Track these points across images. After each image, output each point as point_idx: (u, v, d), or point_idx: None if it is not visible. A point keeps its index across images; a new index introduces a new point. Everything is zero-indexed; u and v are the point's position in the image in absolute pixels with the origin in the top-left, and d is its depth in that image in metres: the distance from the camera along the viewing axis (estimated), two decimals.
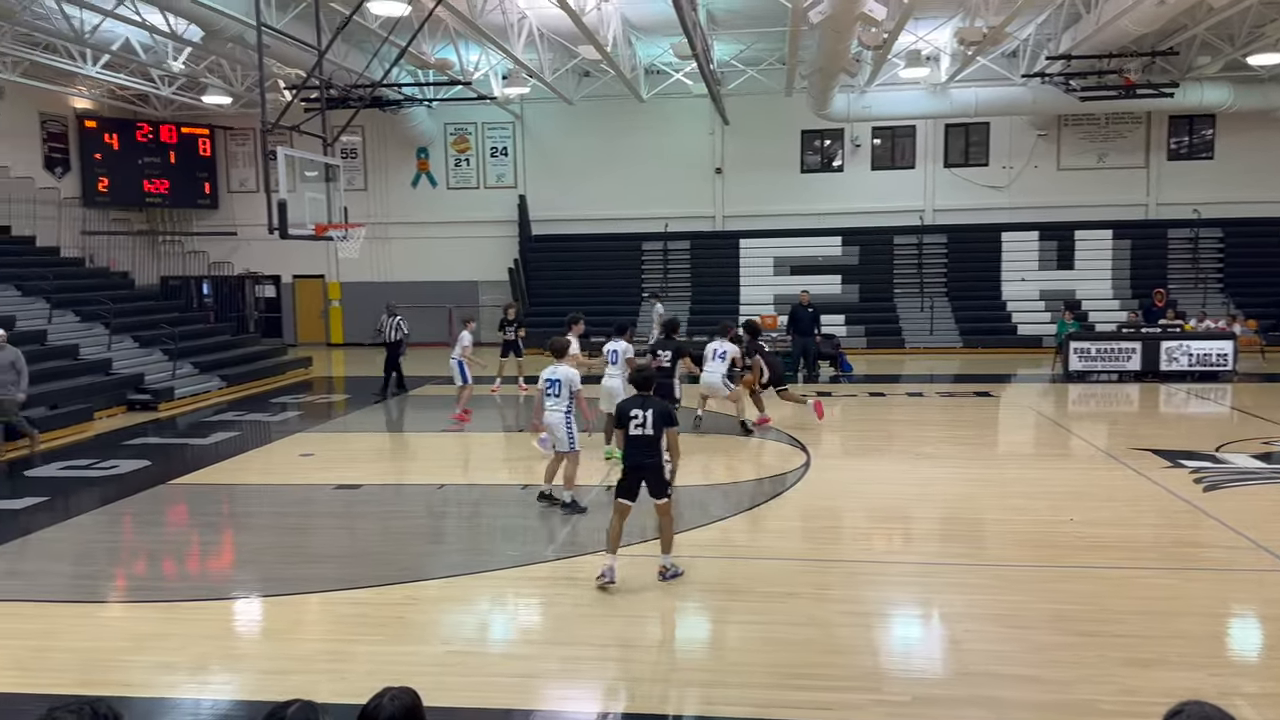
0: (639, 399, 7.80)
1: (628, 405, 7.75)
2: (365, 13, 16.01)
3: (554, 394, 9.88)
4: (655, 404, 7.73)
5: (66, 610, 7.55)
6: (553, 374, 9.89)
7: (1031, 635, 6.65)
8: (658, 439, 7.66)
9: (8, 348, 13.24)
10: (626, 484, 7.75)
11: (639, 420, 7.63)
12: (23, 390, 13.37)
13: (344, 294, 29.25)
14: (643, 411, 7.64)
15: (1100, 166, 26.49)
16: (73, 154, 26.12)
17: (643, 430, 7.61)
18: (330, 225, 14.18)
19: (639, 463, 7.68)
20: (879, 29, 17.10)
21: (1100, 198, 26.31)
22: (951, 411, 16.47)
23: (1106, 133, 26.38)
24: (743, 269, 27.17)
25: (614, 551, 7.69)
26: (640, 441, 7.64)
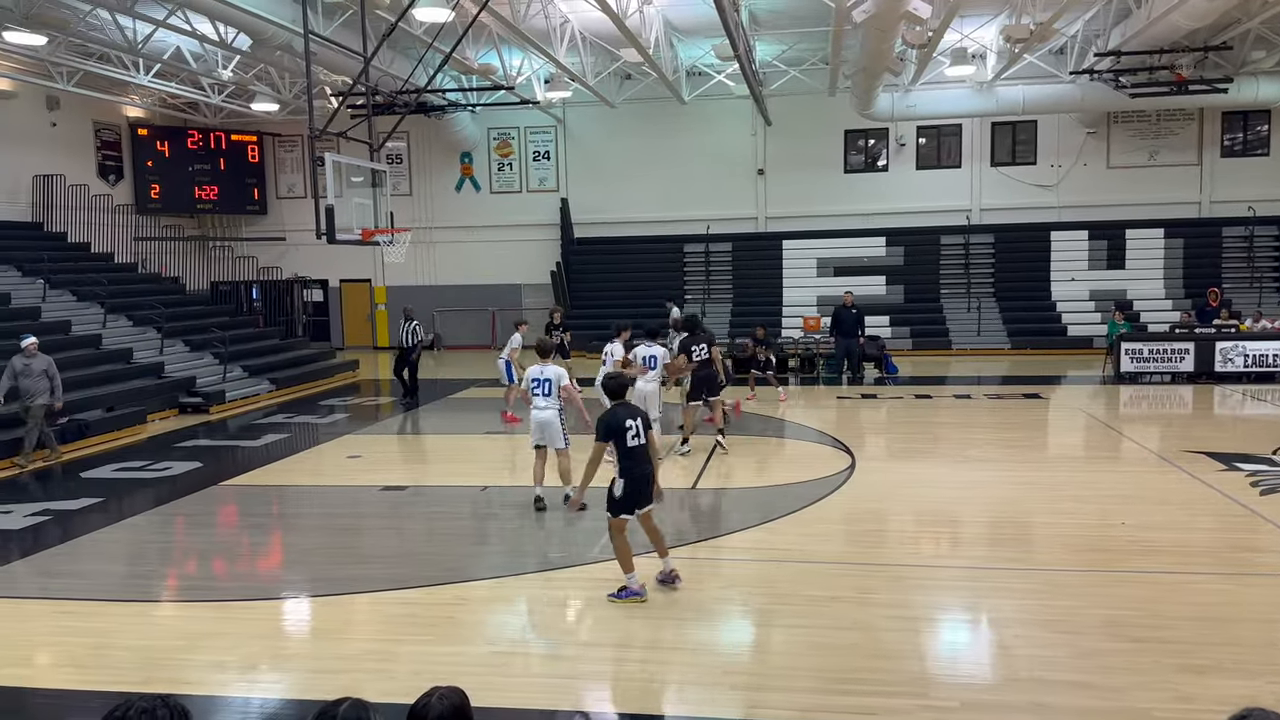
0: (626, 408, 7.52)
1: (620, 417, 7.38)
2: (410, 19, 16.17)
3: (544, 393, 10.16)
4: (639, 410, 7.59)
5: (122, 609, 7.71)
6: (540, 373, 10.18)
7: (1082, 641, 6.55)
8: (646, 446, 7.49)
9: (40, 355, 13.28)
10: (634, 499, 7.42)
11: (634, 430, 7.37)
12: (57, 398, 13.40)
13: (389, 298, 29.57)
14: (635, 422, 7.39)
15: (1151, 164, 26.00)
16: (125, 162, 26.69)
17: (639, 441, 7.39)
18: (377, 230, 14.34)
19: (644, 473, 7.43)
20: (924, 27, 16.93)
21: (1152, 196, 25.82)
22: (999, 413, 16.25)
23: (1158, 130, 25.89)
24: (786, 270, 27.03)
25: (633, 567, 7.44)
26: (638, 452, 7.40)
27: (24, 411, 13.17)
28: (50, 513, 10.71)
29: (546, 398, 10.14)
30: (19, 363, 13.13)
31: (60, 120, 24.19)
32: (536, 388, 10.19)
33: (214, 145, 28.05)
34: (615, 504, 7.43)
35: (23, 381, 13.08)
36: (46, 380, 13.26)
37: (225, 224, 29.78)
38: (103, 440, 14.77)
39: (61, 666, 6.68)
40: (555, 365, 10.35)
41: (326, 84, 22.92)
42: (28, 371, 13.10)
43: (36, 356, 13.22)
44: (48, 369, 13.29)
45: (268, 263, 29.37)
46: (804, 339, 22.45)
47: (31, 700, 6.24)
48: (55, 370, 13.43)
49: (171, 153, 27.33)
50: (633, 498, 7.43)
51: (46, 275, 19.56)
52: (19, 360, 13.14)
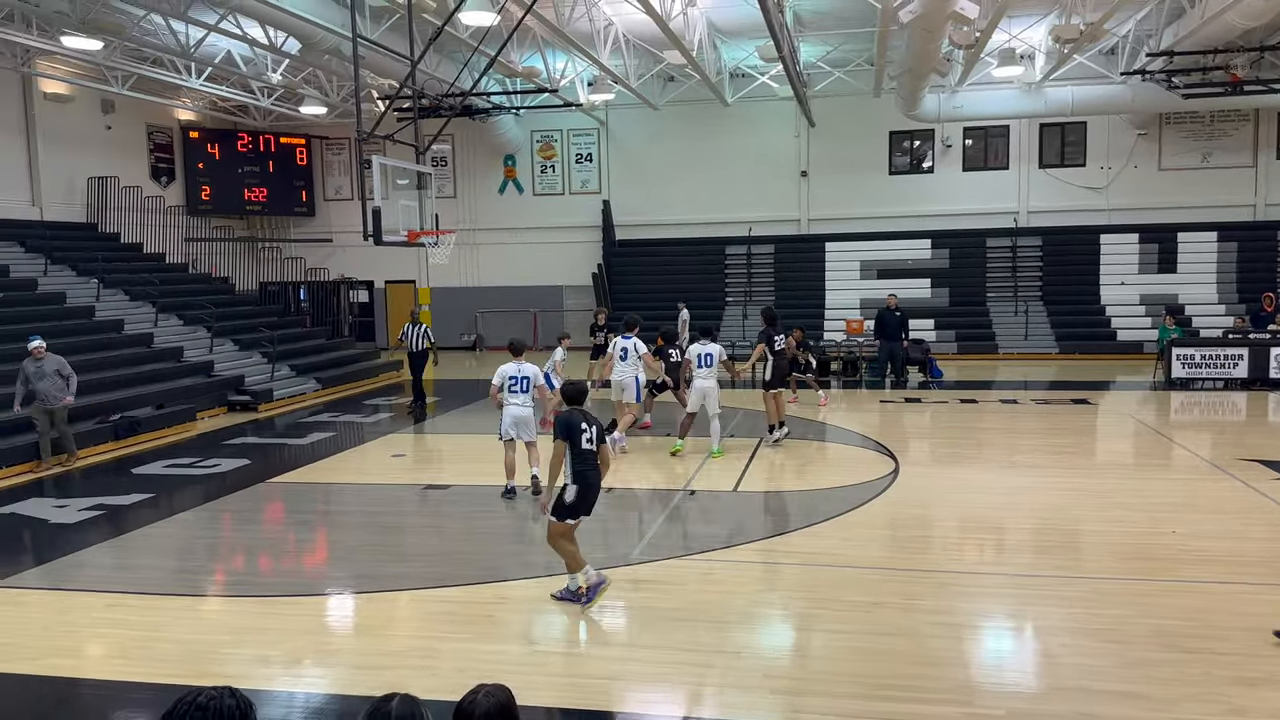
0: (582, 413, 7.43)
1: (576, 419, 7.35)
2: (456, 23, 16.31)
3: (520, 390, 10.78)
4: (596, 419, 7.51)
5: (170, 603, 7.85)
6: (517, 371, 10.76)
7: (1131, 651, 6.43)
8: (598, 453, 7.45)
9: (50, 356, 12.96)
10: (584, 504, 7.38)
11: (589, 435, 7.33)
12: (71, 393, 13.09)
13: (433, 299, 29.84)
14: (590, 427, 7.36)
15: (1204, 166, 25.48)
16: (177, 164, 27.20)
17: (593, 446, 7.36)
18: (422, 232, 14.47)
19: (594, 480, 7.39)
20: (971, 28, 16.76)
21: (1204, 198, 25.30)
22: (1047, 419, 16.01)
23: (1211, 131, 25.36)
24: (828, 273, 26.86)
25: (583, 564, 7.42)
26: (590, 457, 7.35)
27: (46, 415, 12.88)
28: (103, 507, 10.93)
29: (523, 394, 10.81)
30: (30, 366, 12.84)
31: (115, 123, 24.71)
32: (514, 384, 10.80)
33: (263, 148, 28.49)
34: (564, 509, 7.34)
35: (38, 384, 12.80)
36: (61, 380, 12.99)
37: (274, 225, 30.24)
38: (153, 437, 15.06)
39: (111, 658, 6.81)
40: (530, 364, 10.91)
41: (374, 87, 23.19)
42: (40, 374, 12.82)
43: (46, 358, 12.92)
44: (60, 368, 13.02)
45: (315, 264, 29.77)
46: (846, 342, 22.29)
47: (81, 691, 6.37)
48: (69, 368, 13.16)
49: (222, 155, 27.81)
50: (584, 503, 7.38)
51: (100, 275, 19.99)
52: (29, 364, 12.85)
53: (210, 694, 2.45)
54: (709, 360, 12.72)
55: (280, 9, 15.66)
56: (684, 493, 11.08)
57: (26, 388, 12.82)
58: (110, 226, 23.69)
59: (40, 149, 22.31)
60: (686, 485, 11.37)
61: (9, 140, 21.73)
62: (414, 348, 18.07)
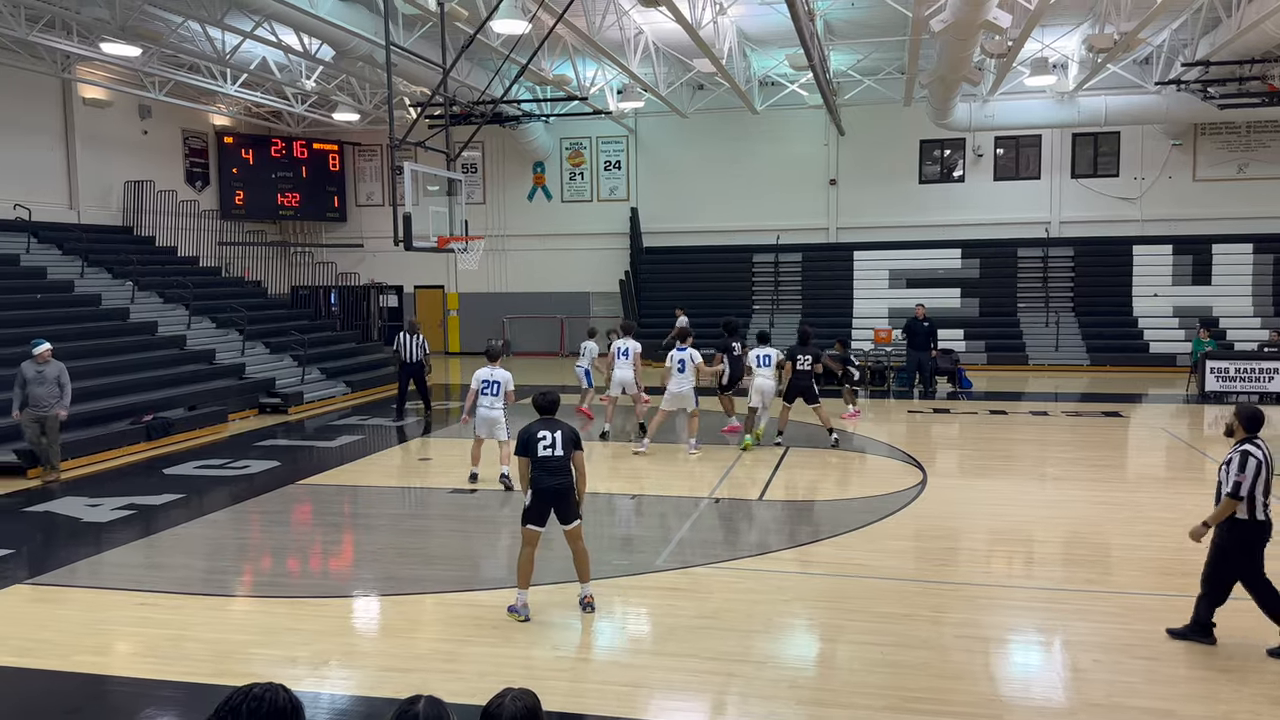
0: (544, 422, 7.46)
1: (534, 428, 7.40)
2: (488, 31, 16.42)
3: (492, 393, 11.52)
4: (564, 426, 7.48)
5: (199, 602, 7.93)
6: (490, 375, 11.53)
7: (1163, 668, 6.34)
8: (567, 461, 7.41)
9: (53, 362, 12.38)
10: (537, 510, 7.37)
11: (548, 442, 7.34)
12: (63, 405, 12.39)
13: (461, 304, 30.01)
14: (551, 434, 7.38)
15: (1240, 177, 25.14)
16: (212, 169, 27.54)
17: (551, 452, 7.33)
18: (452, 237, 14.56)
19: (548, 486, 7.33)
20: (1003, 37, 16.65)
21: (1240, 210, 24.96)
22: (1078, 431, 15.84)
23: (1247, 142, 25.03)
24: (856, 282, 26.74)
25: (527, 586, 7.39)
26: (549, 464, 7.34)
27: (37, 424, 12.28)
28: (135, 507, 11.07)
29: (494, 398, 11.58)
30: (30, 370, 12.25)
31: (151, 128, 25.07)
32: (486, 389, 11.55)
33: (296, 154, 28.79)
34: (523, 514, 7.42)
35: (35, 389, 12.20)
36: (58, 388, 12.36)
37: (306, 230, 30.54)
38: (185, 438, 15.23)
39: (140, 656, 6.89)
40: (503, 370, 11.66)
41: (406, 94, 23.38)
42: (40, 379, 12.21)
43: (50, 363, 12.34)
44: (60, 375, 12.40)
45: (346, 268, 30.02)
46: (874, 351, 22.17)
47: (110, 688, 6.44)
48: (67, 378, 12.54)
49: (256, 160, 28.12)
50: (537, 509, 7.35)
51: (135, 277, 20.26)
52: (30, 367, 12.26)
53: (265, 688, 2.58)
54: (767, 361, 14.03)
55: (315, 16, 15.83)
56: (709, 500, 11.06)
57: (24, 392, 12.25)
58: (145, 230, 24.02)
59: (79, 153, 22.68)
60: (711, 493, 11.35)
61: (49, 144, 22.10)
62: (410, 359, 17.38)
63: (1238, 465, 6.47)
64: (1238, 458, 6.51)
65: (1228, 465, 6.54)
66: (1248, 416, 6.67)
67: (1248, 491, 6.43)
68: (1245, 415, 6.68)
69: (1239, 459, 6.50)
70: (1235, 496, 6.43)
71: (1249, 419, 6.66)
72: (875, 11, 18.94)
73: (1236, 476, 6.44)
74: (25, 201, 20.54)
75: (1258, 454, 6.50)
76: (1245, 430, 6.66)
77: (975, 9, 13.77)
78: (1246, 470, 6.43)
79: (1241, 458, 6.50)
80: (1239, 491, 6.42)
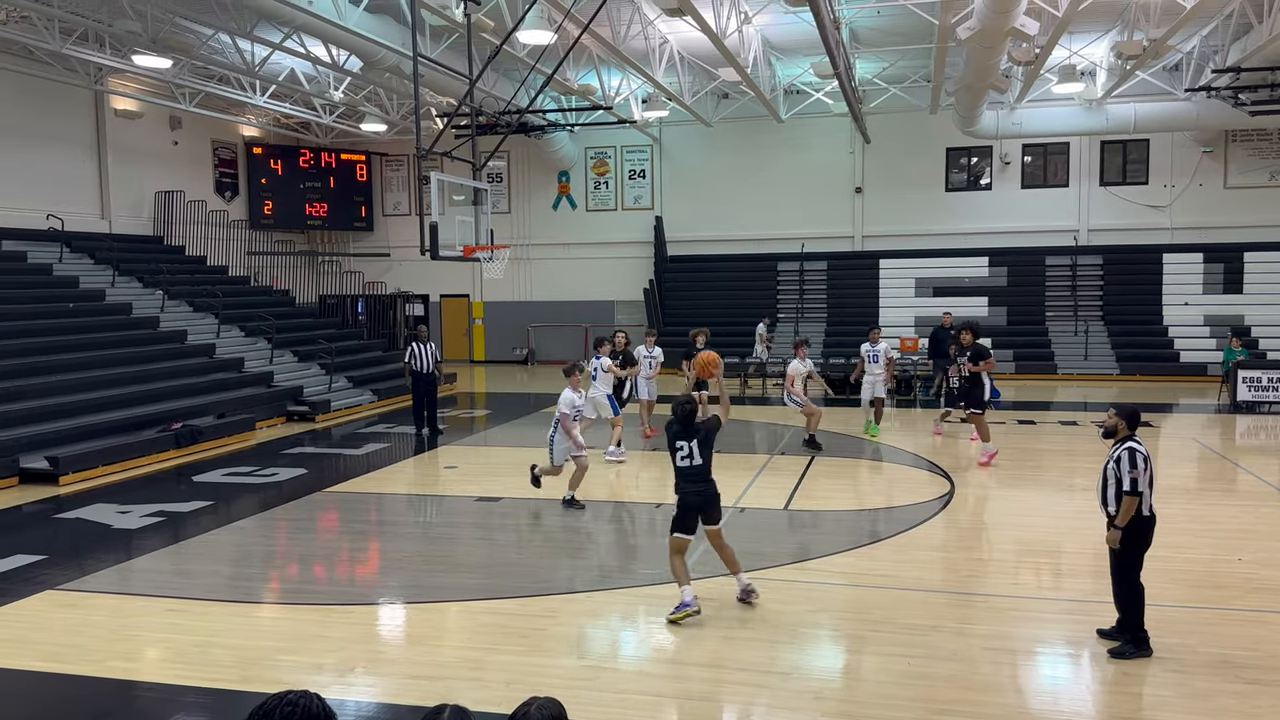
0: (683, 430, 7.57)
1: (672, 437, 7.61)
2: (514, 42, 16.51)
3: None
4: (699, 432, 7.59)
5: (226, 609, 7.99)
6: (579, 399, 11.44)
7: (1194, 681, 6.25)
8: (706, 468, 7.59)
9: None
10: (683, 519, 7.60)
11: (685, 452, 7.55)
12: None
13: (486, 313, 30.14)
14: (688, 443, 7.53)
15: (1272, 184, 24.82)
16: (241, 179, 27.85)
17: (690, 462, 7.55)
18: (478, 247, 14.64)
19: (690, 494, 7.57)
20: (1030, 44, 16.56)
21: (1272, 217, 24.63)
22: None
23: (1279, 149, 24.76)
24: (882, 290, 26.62)
25: (688, 581, 7.57)
26: (689, 473, 7.57)
27: None
28: (164, 514, 11.17)
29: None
30: None
31: (181, 139, 25.39)
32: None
33: (324, 164, 29.07)
34: (672, 521, 7.70)
35: None
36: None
37: (334, 240, 30.80)
38: (214, 445, 15.37)
39: (168, 662, 6.94)
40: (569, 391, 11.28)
41: (432, 105, 23.55)
42: None
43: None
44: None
45: (373, 278, 30.26)
46: (900, 360, 22.03)
47: (139, 693, 6.50)
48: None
49: (284, 171, 28.42)
50: (683, 519, 7.60)
51: (165, 286, 20.51)
52: None
53: (300, 695, 2.66)
54: (875, 357, 15.65)
55: (343, 28, 15.98)
56: (733, 510, 11.03)
57: None
58: (176, 240, 24.31)
59: (110, 164, 23.00)
60: (736, 503, 11.32)
61: (82, 156, 22.43)
62: (423, 369, 16.49)
63: (1129, 462, 6.62)
64: (1126, 455, 6.66)
65: (1117, 464, 6.69)
66: (1129, 414, 6.87)
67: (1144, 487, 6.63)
68: (1128, 413, 6.87)
69: (1128, 456, 6.65)
70: (1134, 493, 6.59)
71: (1131, 417, 6.87)
72: (901, 19, 18.88)
73: (1131, 473, 6.60)
74: (58, 212, 20.86)
75: (1143, 450, 6.69)
76: (1129, 428, 6.85)
77: (1002, 16, 13.70)
78: (1138, 466, 6.59)
79: (1130, 454, 6.65)
80: (1136, 487, 6.58)
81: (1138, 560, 6.79)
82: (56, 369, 15.53)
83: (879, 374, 15.76)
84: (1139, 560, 6.79)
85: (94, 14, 17.23)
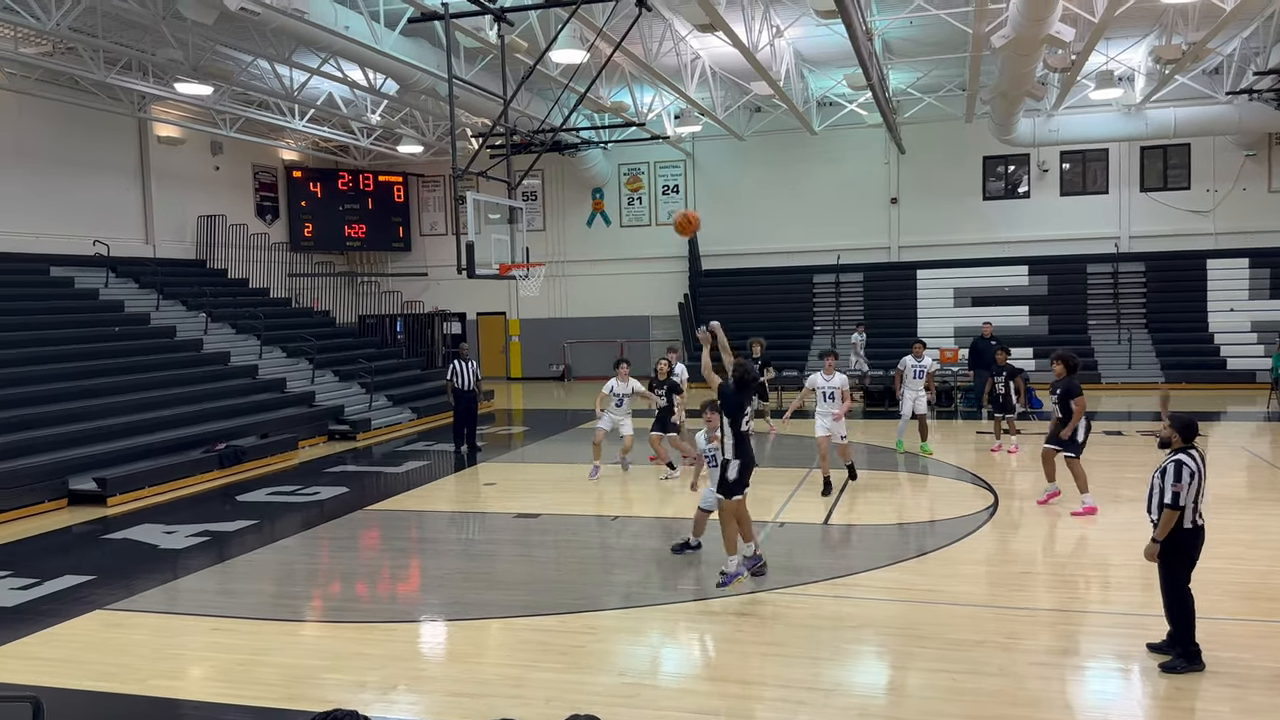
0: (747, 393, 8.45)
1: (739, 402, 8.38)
2: (547, 62, 16.64)
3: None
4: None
5: (271, 628, 8.06)
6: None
7: (1250, 695, 6.10)
8: None
9: None
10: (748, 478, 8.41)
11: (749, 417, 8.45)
12: None
13: (522, 330, 30.31)
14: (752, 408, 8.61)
15: None
16: (281, 202, 28.28)
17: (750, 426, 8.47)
18: (513, 264, 14.72)
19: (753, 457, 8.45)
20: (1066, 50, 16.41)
21: None
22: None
23: None
24: (920, 301, 26.42)
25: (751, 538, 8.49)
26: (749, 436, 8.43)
27: None
28: (209, 534, 11.32)
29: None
30: None
31: (222, 164, 25.85)
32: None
33: (362, 186, 29.45)
34: (730, 486, 8.21)
35: None
36: None
37: (372, 260, 31.17)
38: (257, 465, 15.56)
39: (214, 681, 7.01)
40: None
41: (468, 126, 23.78)
42: None
43: None
44: None
45: (411, 297, 30.54)
46: (940, 371, 21.81)
47: (185, 711, 6.57)
48: None
49: (323, 193, 28.82)
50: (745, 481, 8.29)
51: (208, 309, 20.85)
52: None
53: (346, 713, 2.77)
54: (921, 373, 15.24)
55: (379, 52, 16.20)
56: (773, 524, 10.96)
57: None
58: (218, 263, 24.72)
59: (154, 190, 23.48)
60: (776, 517, 11.25)
61: (127, 182, 22.91)
62: (465, 386, 16.48)
63: (1174, 475, 6.53)
64: (1172, 468, 6.57)
65: (1163, 475, 6.60)
66: (1184, 425, 6.76)
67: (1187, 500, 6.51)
68: (1182, 424, 6.76)
69: (1174, 469, 6.55)
70: (1174, 506, 6.49)
71: (1185, 428, 6.76)
72: (934, 29, 18.80)
73: (1174, 486, 6.50)
74: (104, 238, 21.30)
75: (1191, 464, 6.57)
76: (1183, 440, 6.73)
77: (1037, 24, 13.59)
78: (1181, 479, 6.50)
79: (1176, 467, 6.55)
80: (1178, 501, 6.48)
81: (1183, 573, 6.67)
82: (103, 392, 15.82)
83: (920, 389, 15.23)
84: (1185, 573, 6.67)
85: (137, 44, 17.62)
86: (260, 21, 14.86)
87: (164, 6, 15.38)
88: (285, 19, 14.26)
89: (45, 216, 20.50)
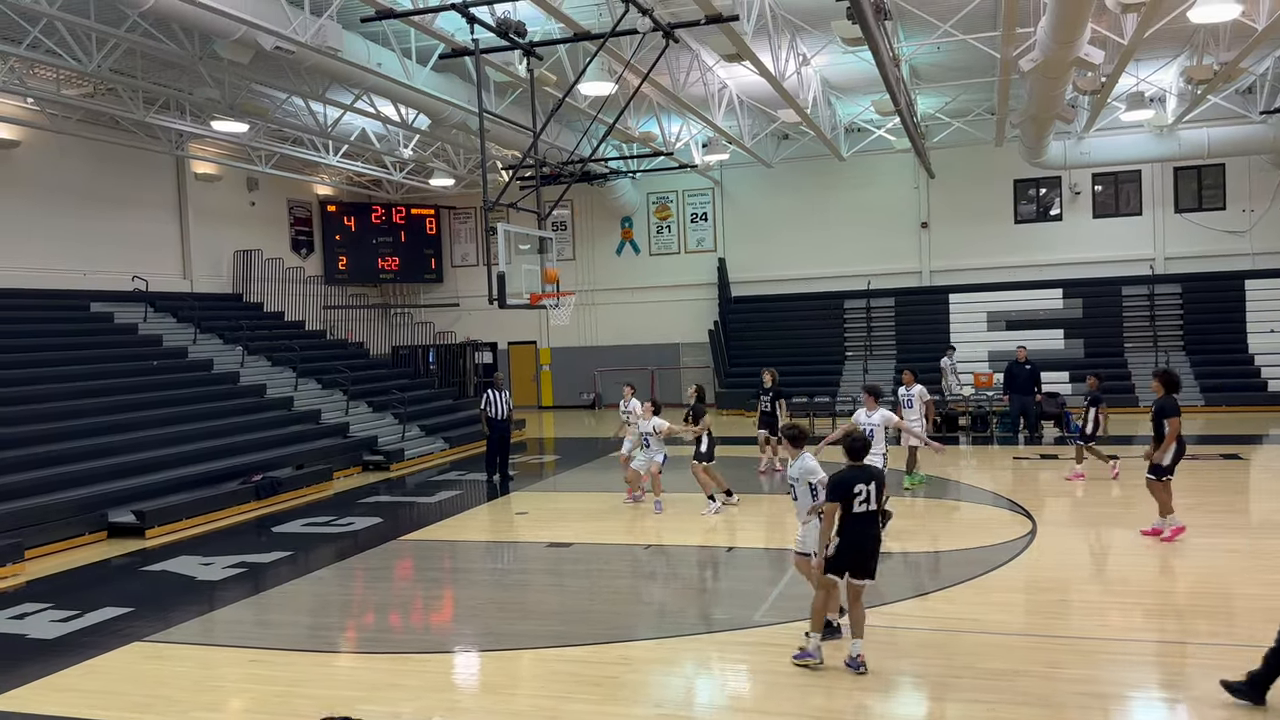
0: (860, 470, 7.13)
1: (850, 477, 7.07)
2: (575, 94, 16.81)
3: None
4: (878, 476, 7.25)
5: (307, 659, 8.10)
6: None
7: None
8: (877, 514, 7.19)
9: None
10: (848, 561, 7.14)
11: (863, 496, 7.05)
12: None
13: (553, 359, 30.43)
14: (866, 486, 7.07)
15: None
16: (316, 236, 28.69)
17: (866, 507, 7.08)
18: (544, 295, 14.81)
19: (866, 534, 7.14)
20: (1096, 73, 16.33)
21: None
22: (1195, 476, 15.09)
23: None
24: (952, 325, 26.24)
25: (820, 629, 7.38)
26: (865, 518, 7.12)
27: None
28: (245, 565, 11.41)
29: None
30: None
31: (258, 199, 26.30)
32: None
33: (395, 219, 29.84)
34: (827, 562, 7.15)
35: None
36: None
37: (405, 292, 31.50)
38: (293, 496, 15.68)
39: (251, 712, 7.05)
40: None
41: (498, 158, 24.05)
42: None
43: None
44: None
45: (443, 327, 30.79)
46: (975, 396, 21.62)
47: None
48: None
49: (357, 227, 29.22)
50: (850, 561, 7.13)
51: (245, 342, 21.13)
52: None
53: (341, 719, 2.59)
54: (911, 402, 14.32)
55: (411, 88, 16.46)
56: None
57: None
58: (254, 296, 25.08)
59: (191, 225, 23.92)
60: None
61: (165, 218, 23.36)
62: (499, 415, 16.61)
63: None
64: None
65: None
66: None
67: None
68: None
69: None
70: None
71: None
72: (961, 54, 18.79)
73: None
74: (143, 273, 21.70)
75: None
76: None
77: (1066, 47, 13.55)
78: None
79: None
80: None
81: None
82: (142, 425, 16.05)
83: (914, 419, 13.91)
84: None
85: (175, 83, 18.02)
86: (295, 60, 15.16)
87: (201, 47, 15.73)
88: (319, 57, 14.55)
89: (86, 254, 20.93)
